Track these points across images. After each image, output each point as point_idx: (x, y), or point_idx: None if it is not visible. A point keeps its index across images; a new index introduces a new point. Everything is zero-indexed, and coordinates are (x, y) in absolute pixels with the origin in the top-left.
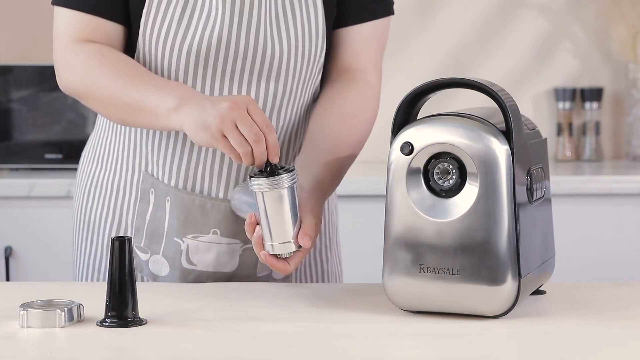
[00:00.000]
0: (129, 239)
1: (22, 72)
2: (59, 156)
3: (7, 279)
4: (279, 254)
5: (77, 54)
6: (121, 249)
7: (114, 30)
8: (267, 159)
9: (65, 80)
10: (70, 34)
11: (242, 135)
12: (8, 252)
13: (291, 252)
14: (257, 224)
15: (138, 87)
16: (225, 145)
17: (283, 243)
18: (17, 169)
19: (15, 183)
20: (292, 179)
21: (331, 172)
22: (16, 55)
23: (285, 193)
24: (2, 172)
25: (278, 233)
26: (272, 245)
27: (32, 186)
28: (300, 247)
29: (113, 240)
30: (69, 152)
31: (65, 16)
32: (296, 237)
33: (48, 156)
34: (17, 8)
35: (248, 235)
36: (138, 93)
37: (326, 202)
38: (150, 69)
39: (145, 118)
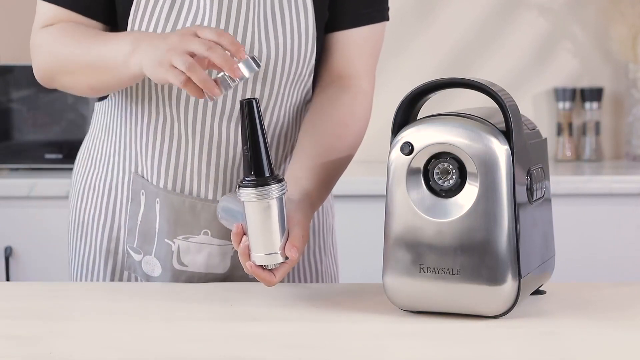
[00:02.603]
0: (256, 100)
1: (22, 72)
2: (59, 156)
3: (7, 279)
4: (265, 265)
5: (43, 35)
6: (250, 110)
7: (91, 27)
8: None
9: (37, 63)
10: (43, 22)
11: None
12: (8, 252)
13: (277, 264)
14: (244, 234)
15: (97, 45)
16: (174, 74)
17: (269, 254)
18: (17, 169)
19: (15, 183)
20: (282, 190)
21: (320, 184)
22: (16, 55)
23: (274, 204)
24: (2, 172)
25: (265, 244)
26: (258, 255)
27: (32, 186)
28: (287, 258)
29: (241, 102)
30: (69, 152)
31: (44, 8)
32: (283, 248)
33: (48, 156)
34: (17, 8)
35: (234, 245)
36: (97, 50)
37: None
38: None
39: (110, 74)
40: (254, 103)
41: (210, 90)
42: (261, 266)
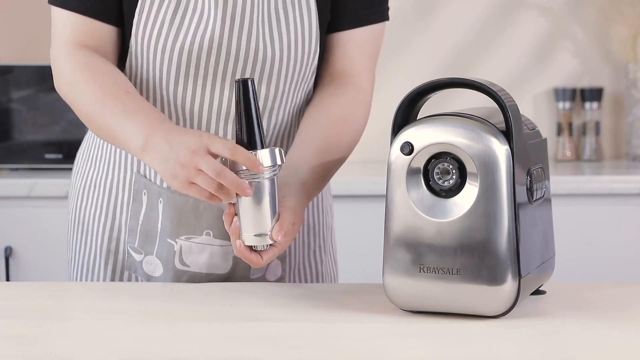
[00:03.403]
0: (252, 79)
1: (22, 72)
2: (59, 156)
3: (7, 279)
4: (254, 246)
5: (67, 63)
6: (245, 88)
7: (107, 32)
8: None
9: (57, 85)
10: (65, 36)
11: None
12: (8, 252)
13: (266, 246)
14: (236, 214)
15: (112, 114)
16: (195, 191)
17: (259, 235)
18: (17, 169)
19: (15, 183)
20: (274, 171)
21: (317, 175)
22: (16, 55)
23: (266, 184)
24: (2, 172)
25: (254, 224)
26: (248, 236)
27: (32, 186)
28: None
29: (237, 81)
30: (69, 152)
31: (61, 17)
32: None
33: (48, 156)
34: (17, 8)
35: (226, 225)
36: (111, 120)
37: (320, 202)
38: (142, 70)
39: (119, 145)
40: (249, 82)
41: (243, 192)
42: (250, 247)
